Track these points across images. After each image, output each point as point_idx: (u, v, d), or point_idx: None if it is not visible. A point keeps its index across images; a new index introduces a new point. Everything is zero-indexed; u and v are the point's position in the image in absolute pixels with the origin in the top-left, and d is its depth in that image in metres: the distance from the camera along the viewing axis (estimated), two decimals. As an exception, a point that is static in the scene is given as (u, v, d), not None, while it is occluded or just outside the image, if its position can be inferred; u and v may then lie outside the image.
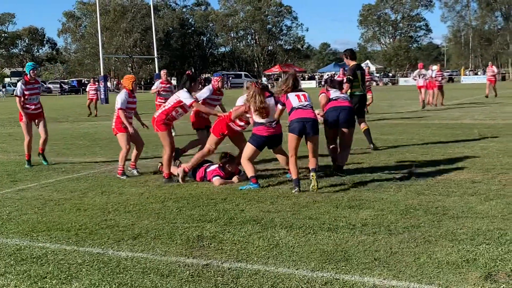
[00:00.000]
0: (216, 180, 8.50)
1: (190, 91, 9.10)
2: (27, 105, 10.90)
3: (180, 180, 8.80)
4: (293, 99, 8.15)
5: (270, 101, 8.30)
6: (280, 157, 8.72)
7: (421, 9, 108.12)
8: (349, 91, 11.36)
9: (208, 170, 8.81)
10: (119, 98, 9.47)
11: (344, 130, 9.06)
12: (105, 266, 4.94)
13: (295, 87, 8.25)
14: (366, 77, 14.60)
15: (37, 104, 11.09)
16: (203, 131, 10.02)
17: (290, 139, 7.96)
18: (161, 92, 15.09)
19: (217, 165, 8.81)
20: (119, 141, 9.57)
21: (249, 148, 8.34)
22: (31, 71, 10.88)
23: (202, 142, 9.74)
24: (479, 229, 5.68)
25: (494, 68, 30.80)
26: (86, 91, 31.37)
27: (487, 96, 28.97)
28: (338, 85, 9.64)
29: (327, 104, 9.18)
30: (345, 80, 11.52)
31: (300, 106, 8.05)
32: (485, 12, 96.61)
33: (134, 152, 9.75)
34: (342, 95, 9.39)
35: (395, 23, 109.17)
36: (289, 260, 4.94)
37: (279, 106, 8.26)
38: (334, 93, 9.29)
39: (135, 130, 9.60)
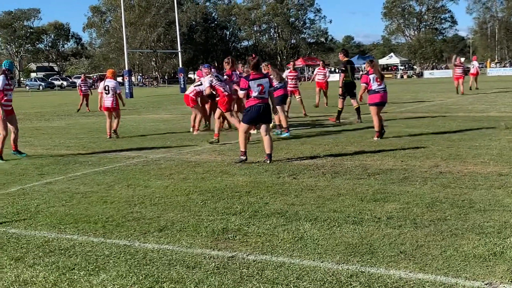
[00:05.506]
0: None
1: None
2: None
3: None
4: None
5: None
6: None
7: (446, 1, 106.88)
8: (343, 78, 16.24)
9: None
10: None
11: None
12: (132, 258, 4.99)
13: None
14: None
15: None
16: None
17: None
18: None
19: None
20: None
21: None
22: None
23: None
24: (506, 222, 5.62)
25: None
26: (77, 87, 28.76)
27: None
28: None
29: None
30: (340, 72, 16.92)
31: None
32: (511, 3, 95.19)
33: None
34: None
35: (420, 15, 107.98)
36: (314, 253, 4.94)
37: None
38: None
39: None
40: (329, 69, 34.10)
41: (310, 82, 26.78)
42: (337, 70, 77.79)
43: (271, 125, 12.43)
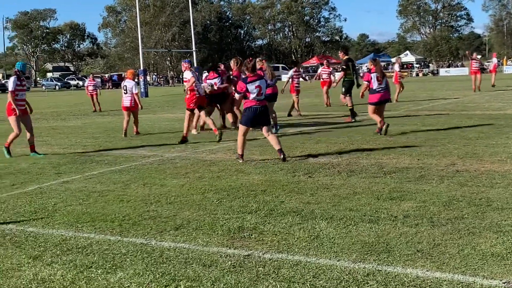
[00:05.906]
0: None
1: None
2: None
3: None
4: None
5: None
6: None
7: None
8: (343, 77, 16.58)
9: None
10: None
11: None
12: (148, 256, 5.02)
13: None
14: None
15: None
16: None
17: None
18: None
19: None
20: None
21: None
22: None
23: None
24: (524, 220, 5.58)
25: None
26: (85, 87, 29.73)
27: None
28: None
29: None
30: (341, 69, 17.09)
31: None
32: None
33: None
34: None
35: (435, 13, 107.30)
36: (330, 252, 4.94)
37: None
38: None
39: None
40: (334, 68, 34.31)
41: (310, 82, 26.58)
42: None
43: None
